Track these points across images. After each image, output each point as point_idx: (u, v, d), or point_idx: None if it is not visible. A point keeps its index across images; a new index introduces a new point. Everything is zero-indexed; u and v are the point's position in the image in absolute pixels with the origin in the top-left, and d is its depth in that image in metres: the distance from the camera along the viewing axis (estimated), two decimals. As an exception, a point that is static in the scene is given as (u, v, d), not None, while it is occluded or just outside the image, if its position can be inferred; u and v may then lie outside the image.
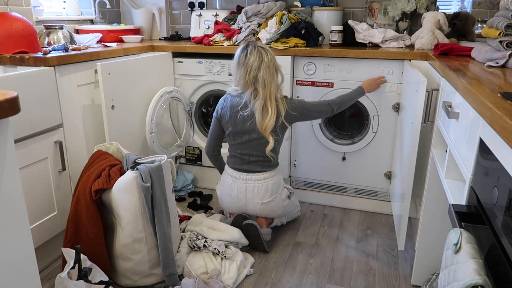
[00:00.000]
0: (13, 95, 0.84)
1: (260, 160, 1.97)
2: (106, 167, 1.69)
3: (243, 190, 1.98)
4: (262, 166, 1.98)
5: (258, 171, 1.97)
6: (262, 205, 1.98)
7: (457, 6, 2.48)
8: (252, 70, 1.85)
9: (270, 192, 1.97)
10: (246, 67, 1.86)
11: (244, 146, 1.96)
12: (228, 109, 1.95)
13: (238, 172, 1.99)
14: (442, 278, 0.90)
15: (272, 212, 2.03)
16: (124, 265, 1.71)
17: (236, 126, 1.94)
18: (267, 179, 1.97)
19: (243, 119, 1.91)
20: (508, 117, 0.74)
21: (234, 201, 2.01)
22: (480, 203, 0.94)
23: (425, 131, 1.85)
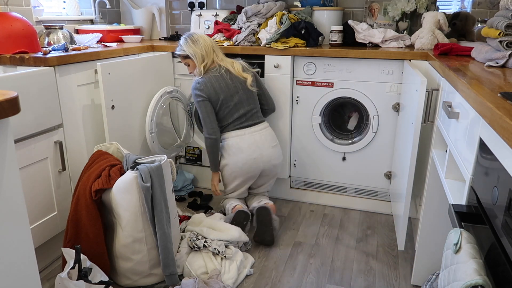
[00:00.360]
0: (13, 95, 0.84)
1: (256, 111, 2.18)
2: (106, 167, 1.69)
3: (252, 141, 2.11)
4: (258, 117, 2.19)
5: (258, 121, 2.17)
6: (274, 148, 2.16)
7: (457, 6, 2.48)
8: (207, 39, 2.16)
9: (275, 137, 2.21)
10: (202, 39, 2.14)
11: (239, 106, 2.12)
12: (210, 84, 2.09)
13: (243, 129, 2.13)
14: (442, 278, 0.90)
15: (279, 157, 2.20)
16: (124, 265, 1.71)
17: (225, 92, 2.10)
18: (267, 127, 2.20)
19: (225, 83, 2.11)
20: (508, 117, 0.74)
21: (248, 156, 2.10)
22: (480, 203, 0.94)
23: (425, 131, 1.85)
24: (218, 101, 2.09)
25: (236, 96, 2.12)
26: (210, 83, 2.09)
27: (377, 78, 2.18)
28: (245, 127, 2.13)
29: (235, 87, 2.12)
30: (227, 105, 2.11)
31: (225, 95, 2.10)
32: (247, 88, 2.15)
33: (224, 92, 2.10)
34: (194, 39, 2.14)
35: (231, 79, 2.12)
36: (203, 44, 2.13)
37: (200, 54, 2.12)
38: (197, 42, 2.13)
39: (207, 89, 2.09)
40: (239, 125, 2.13)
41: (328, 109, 2.37)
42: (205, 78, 2.11)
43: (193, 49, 2.12)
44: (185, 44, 2.14)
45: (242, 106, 2.13)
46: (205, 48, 2.13)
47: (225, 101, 2.10)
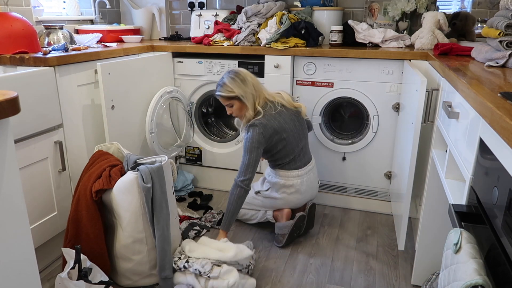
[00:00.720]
0: (13, 95, 0.84)
1: (307, 144, 2.09)
2: (106, 168, 1.69)
3: (309, 183, 2.05)
4: (309, 151, 2.12)
5: (311, 157, 2.10)
6: (318, 186, 2.15)
7: (457, 6, 2.48)
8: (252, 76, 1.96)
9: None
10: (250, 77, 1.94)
11: (298, 141, 2.00)
12: (270, 126, 1.90)
13: (302, 169, 2.02)
14: (442, 278, 0.90)
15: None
16: (124, 266, 1.71)
17: (287, 130, 1.95)
18: (314, 162, 2.12)
19: (284, 120, 1.95)
20: (508, 117, 0.74)
21: (303, 198, 2.05)
22: (480, 203, 0.94)
23: (425, 131, 1.85)
24: (280, 140, 1.93)
25: (295, 130, 1.99)
26: (270, 125, 1.89)
27: (377, 78, 2.18)
28: (303, 166, 2.02)
29: (292, 121, 1.98)
30: (289, 141, 1.96)
31: (287, 134, 1.94)
32: (302, 119, 2.05)
33: (286, 130, 1.94)
34: (242, 77, 1.91)
35: (288, 114, 1.97)
36: (251, 82, 1.92)
37: (251, 95, 1.91)
38: (246, 81, 1.91)
39: (267, 133, 1.89)
40: (299, 162, 2.01)
41: (328, 109, 2.37)
42: (265, 119, 1.89)
43: (243, 89, 1.90)
44: (232, 84, 1.90)
45: (300, 140, 2.01)
46: (255, 86, 1.92)
47: (288, 139, 1.96)
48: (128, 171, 1.65)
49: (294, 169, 2.00)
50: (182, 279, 1.69)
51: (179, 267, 1.69)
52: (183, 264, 1.68)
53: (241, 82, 1.90)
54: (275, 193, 2.04)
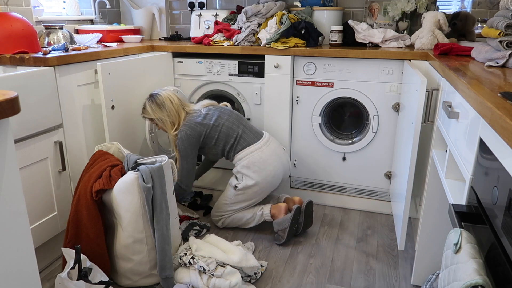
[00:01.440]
0: (13, 95, 0.84)
1: (250, 125, 2.15)
2: (107, 168, 1.69)
3: (271, 150, 2.07)
4: (258, 129, 2.17)
5: (261, 132, 2.16)
6: (286, 152, 2.19)
7: (457, 6, 2.48)
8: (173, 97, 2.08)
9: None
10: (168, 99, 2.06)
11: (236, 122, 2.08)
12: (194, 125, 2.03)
13: (256, 143, 2.06)
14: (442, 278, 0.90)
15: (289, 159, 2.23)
16: (124, 266, 1.71)
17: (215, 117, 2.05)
18: (270, 135, 2.17)
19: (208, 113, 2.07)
20: (508, 117, 0.74)
21: (274, 167, 2.06)
22: (480, 203, 0.94)
23: (425, 131, 1.85)
24: (209, 128, 2.04)
25: (224, 115, 2.08)
26: (193, 123, 2.03)
27: (377, 78, 2.18)
28: (256, 141, 2.07)
29: (222, 112, 2.09)
30: (221, 124, 2.05)
31: (214, 119, 2.05)
32: (233, 111, 2.16)
33: (212, 117, 2.05)
34: (160, 102, 2.05)
35: (215, 109, 2.10)
36: (169, 106, 2.05)
37: (167, 118, 2.05)
38: (163, 106, 2.05)
39: (195, 132, 2.02)
40: (248, 139, 2.06)
41: (328, 109, 2.37)
42: (186, 126, 2.03)
43: (159, 114, 2.05)
44: (150, 108, 2.06)
45: (239, 122, 2.09)
46: (173, 109, 2.05)
47: (217, 123, 2.04)
48: (129, 171, 1.65)
49: (246, 146, 2.05)
50: (185, 274, 1.70)
51: (184, 263, 1.72)
52: (189, 260, 1.71)
53: (157, 107, 2.05)
54: (249, 180, 2.04)
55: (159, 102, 2.05)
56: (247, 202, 2.11)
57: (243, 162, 2.03)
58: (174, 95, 2.09)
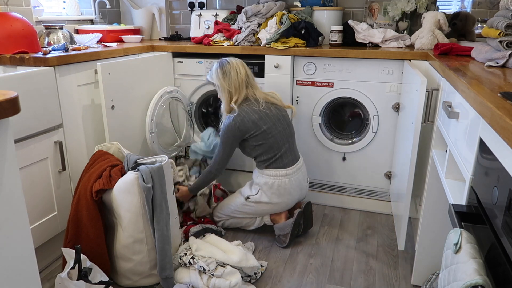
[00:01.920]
0: (13, 95, 0.84)
1: (294, 144, 2.08)
2: (107, 168, 1.69)
3: (298, 182, 2.03)
4: (297, 149, 2.10)
5: (299, 155, 2.09)
6: (307, 185, 2.14)
7: (457, 6, 2.48)
8: (241, 69, 1.99)
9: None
10: (235, 69, 1.98)
11: (284, 137, 2.00)
12: (248, 118, 1.93)
13: (290, 168, 2.00)
14: (442, 278, 0.90)
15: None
16: (124, 266, 1.71)
17: (268, 122, 1.96)
18: (302, 160, 2.11)
19: (265, 114, 1.97)
20: (508, 117, 0.74)
21: (293, 198, 2.04)
22: (480, 203, 0.94)
23: (425, 131, 1.85)
24: (259, 132, 1.94)
25: (281, 128, 1.99)
26: (248, 118, 1.93)
27: (377, 78, 2.18)
28: (291, 165, 2.00)
29: (278, 119, 1.99)
30: (272, 134, 1.96)
31: (268, 126, 1.95)
32: (289, 119, 2.08)
33: (267, 122, 1.95)
34: (226, 70, 1.97)
35: (274, 109, 2.00)
36: (234, 78, 1.96)
37: (227, 90, 1.97)
38: (228, 76, 1.97)
39: (244, 126, 1.93)
40: (286, 160, 1.99)
41: (328, 109, 2.37)
42: (242, 112, 1.94)
43: (221, 81, 1.98)
44: (215, 72, 2.00)
45: (287, 139, 2.01)
46: (236, 84, 1.96)
47: (270, 131, 1.96)
48: (129, 171, 1.65)
49: (281, 168, 1.99)
50: (185, 274, 1.70)
51: (184, 263, 1.72)
52: (189, 260, 1.71)
53: (221, 74, 1.98)
54: (264, 196, 2.01)
55: (226, 69, 1.98)
56: (251, 215, 2.10)
57: (269, 180, 1.98)
58: (243, 68, 2.00)
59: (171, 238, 1.70)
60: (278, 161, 1.98)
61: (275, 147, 1.97)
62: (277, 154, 1.97)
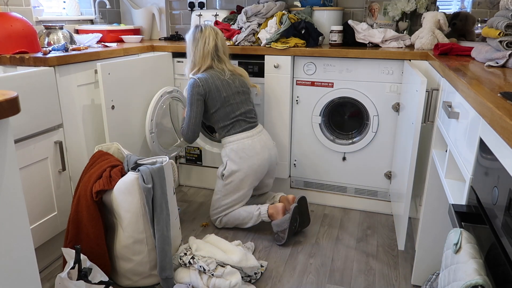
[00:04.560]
0: (13, 95, 0.84)
1: (253, 113, 2.16)
2: (107, 168, 1.69)
3: (263, 142, 2.10)
4: (255, 118, 2.17)
5: (257, 122, 2.16)
6: (275, 146, 2.19)
7: (457, 6, 2.48)
8: (211, 40, 2.04)
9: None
10: (204, 39, 2.03)
11: (240, 106, 2.08)
12: (212, 81, 2.02)
13: (250, 130, 2.09)
14: (442, 278, 0.90)
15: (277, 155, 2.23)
16: (124, 266, 1.71)
17: (227, 89, 2.05)
18: (262, 127, 2.19)
19: (227, 82, 2.06)
20: (508, 117, 0.74)
21: (262, 157, 2.07)
22: (480, 203, 0.94)
23: (425, 131, 1.85)
24: (219, 98, 2.03)
25: (238, 95, 2.08)
26: (212, 80, 2.02)
27: (377, 78, 2.18)
28: (251, 128, 2.09)
29: (238, 90, 2.09)
30: (230, 103, 2.06)
31: (227, 93, 2.04)
32: (248, 88, 2.16)
33: (227, 89, 2.04)
34: (195, 37, 2.05)
35: (238, 82, 2.10)
36: (200, 47, 2.04)
37: (192, 56, 2.06)
38: (195, 43, 2.05)
39: (207, 86, 2.01)
40: (245, 125, 2.09)
41: (328, 109, 2.37)
42: (207, 74, 2.03)
43: (188, 46, 2.07)
44: (188, 35, 2.08)
45: (244, 105, 2.10)
46: (200, 53, 2.05)
47: (228, 99, 2.05)
48: (129, 172, 1.65)
49: (240, 132, 2.06)
50: (185, 274, 1.70)
51: (184, 263, 1.72)
52: (189, 259, 1.71)
53: (192, 39, 2.06)
54: (233, 165, 2.05)
55: (196, 36, 2.05)
56: (238, 193, 2.10)
57: (233, 146, 2.06)
58: (215, 40, 2.04)
59: (171, 238, 1.70)
60: (236, 126, 2.07)
61: (230, 114, 2.06)
62: (233, 120, 2.07)
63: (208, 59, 2.05)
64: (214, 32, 2.05)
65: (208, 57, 2.05)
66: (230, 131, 2.08)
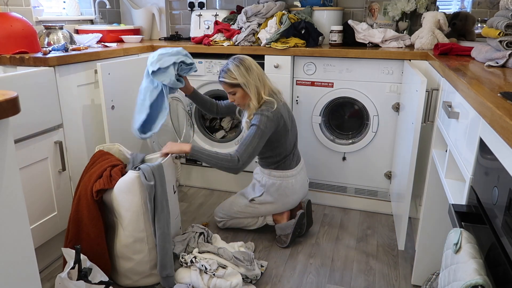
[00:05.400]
0: (13, 95, 0.84)
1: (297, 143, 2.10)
2: (107, 168, 1.69)
3: (302, 179, 2.07)
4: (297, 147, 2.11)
5: (300, 154, 2.12)
6: (307, 182, 2.16)
7: (457, 6, 2.48)
8: (257, 66, 1.92)
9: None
10: (255, 66, 1.90)
11: (294, 137, 2.03)
12: (281, 113, 1.87)
13: (297, 166, 2.04)
14: (442, 278, 0.90)
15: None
16: (125, 265, 1.71)
17: (290, 117, 1.96)
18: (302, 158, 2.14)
19: (287, 110, 1.97)
20: (508, 117, 0.74)
21: (298, 197, 2.06)
22: (480, 203, 0.94)
23: (425, 131, 1.85)
24: (285, 131, 1.91)
25: (294, 124, 2.01)
26: (281, 113, 1.87)
27: (377, 78, 2.18)
28: (295, 165, 2.01)
29: (292, 113, 2.01)
30: (291, 135, 1.94)
31: (291, 127, 1.93)
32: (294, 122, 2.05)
33: (291, 118, 1.95)
34: (247, 65, 1.86)
35: (289, 114, 1.98)
36: (256, 71, 1.87)
37: (254, 85, 1.86)
38: (251, 70, 1.86)
39: (276, 121, 1.84)
40: (293, 161, 2.00)
41: (328, 109, 2.37)
42: (270, 111, 1.84)
43: (246, 78, 1.85)
44: (236, 71, 1.85)
45: (296, 138, 2.03)
46: (259, 76, 1.88)
47: (291, 132, 1.94)
48: (129, 171, 1.65)
49: (289, 169, 1.99)
50: (186, 274, 1.70)
51: (186, 262, 1.72)
52: (191, 259, 1.71)
53: (245, 70, 1.85)
54: (269, 197, 2.01)
55: (246, 65, 1.86)
56: (254, 215, 2.10)
57: (276, 181, 1.97)
58: (255, 65, 1.91)
59: (171, 236, 1.71)
60: (287, 162, 1.98)
61: (289, 147, 1.96)
62: (288, 155, 1.97)
63: (266, 81, 1.91)
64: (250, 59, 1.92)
65: (265, 80, 1.91)
66: (280, 166, 1.97)
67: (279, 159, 1.97)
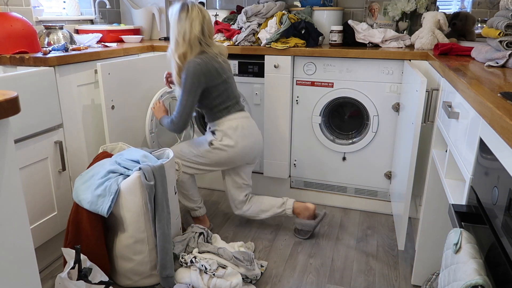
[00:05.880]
0: (13, 95, 0.84)
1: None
2: (106, 167, 1.69)
3: (254, 125, 2.03)
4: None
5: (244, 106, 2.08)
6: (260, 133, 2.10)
7: (457, 6, 2.48)
8: (197, 25, 1.83)
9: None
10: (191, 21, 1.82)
11: (234, 88, 1.99)
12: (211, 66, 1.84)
13: (244, 111, 2.01)
14: (442, 278, 0.90)
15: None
16: (125, 266, 1.71)
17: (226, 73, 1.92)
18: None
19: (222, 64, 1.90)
20: (508, 117, 0.74)
21: (254, 140, 2.00)
22: (480, 203, 0.94)
23: (425, 131, 1.85)
24: (220, 80, 1.88)
25: (232, 78, 1.98)
26: (211, 64, 1.84)
27: (377, 78, 2.18)
28: (243, 109, 2.01)
29: (229, 69, 1.99)
30: (230, 83, 1.94)
31: (227, 75, 1.93)
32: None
33: (226, 72, 1.92)
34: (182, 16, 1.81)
35: (224, 61, 1.95)
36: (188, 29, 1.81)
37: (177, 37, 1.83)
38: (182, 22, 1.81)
39: (209, 73, 1.83)
40: (240, 106, 2.00)
41: (328, 109, 2.37)
42: (205, 59, 1.83)
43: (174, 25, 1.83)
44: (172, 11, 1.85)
45: (236, 89, 2.02)
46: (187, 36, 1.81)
47: (228, 80, 1.93)
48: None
49: (239, 111, 1.98)
50: (185, 274, 1.70)
51: (185, 262, 1.72)
52: (191, 259, 1.71)
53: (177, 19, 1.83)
54: (229, 140, 1.93)
55: (182, 16, 1.81)
56: (211, 167, 2.00)
57: (233, 123, 1.94)
58: (201, 24, 1.83)
59: (171, 237, 1.71)
60: (236, 105, 1.98)
61: (231, 95, 1.96)
62: (234, 100, 1.98)
63: (197, 45, 1.85)
64: (201, 15, 1.83)
65: (196, 43, 1.84)
66: (232, 109, 1.96)
67: (228, 106, 1.94)
